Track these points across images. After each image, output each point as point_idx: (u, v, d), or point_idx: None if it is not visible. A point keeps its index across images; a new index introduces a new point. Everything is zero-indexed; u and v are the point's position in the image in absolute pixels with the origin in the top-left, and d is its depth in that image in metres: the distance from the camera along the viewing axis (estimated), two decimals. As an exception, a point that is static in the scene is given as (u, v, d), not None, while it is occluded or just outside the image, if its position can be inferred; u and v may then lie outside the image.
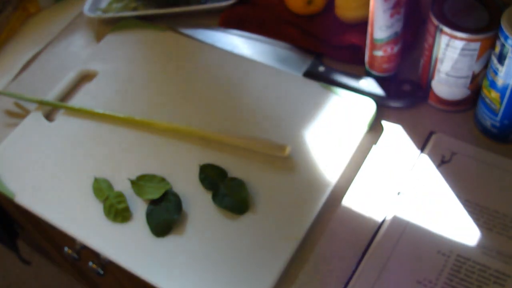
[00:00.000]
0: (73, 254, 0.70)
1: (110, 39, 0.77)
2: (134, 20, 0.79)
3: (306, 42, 0.72)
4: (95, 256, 0.67)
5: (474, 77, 0.59)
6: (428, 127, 0.62)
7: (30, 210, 0.61)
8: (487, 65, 0.58)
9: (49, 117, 0.70)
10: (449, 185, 0.57)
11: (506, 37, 0.52)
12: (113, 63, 0.74)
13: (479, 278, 0.50)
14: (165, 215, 0.57)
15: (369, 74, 0.67)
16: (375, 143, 0.62)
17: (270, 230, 0.56)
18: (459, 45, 0.56)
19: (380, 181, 0.59)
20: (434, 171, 0.58)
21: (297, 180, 0.59)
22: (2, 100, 0.73)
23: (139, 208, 0.59)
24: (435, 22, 0.57)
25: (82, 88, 0.72)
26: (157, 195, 0.59)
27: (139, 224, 0.58)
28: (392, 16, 0.59)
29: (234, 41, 0.74)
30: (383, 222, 0.55)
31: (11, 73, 0.77)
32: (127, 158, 0.63)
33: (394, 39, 0.62)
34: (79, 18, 0.84)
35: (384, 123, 0.64)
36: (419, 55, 0.64)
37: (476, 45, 0.56)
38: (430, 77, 0.62)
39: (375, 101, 0.64)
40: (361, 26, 0.68)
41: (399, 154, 0.61)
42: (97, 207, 0.59)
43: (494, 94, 0.57)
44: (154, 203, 0.59)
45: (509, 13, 0.52)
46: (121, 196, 0.59)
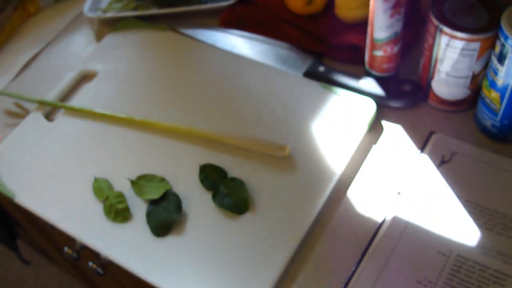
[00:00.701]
0: (73, 254, 0.70)
1: (110, 39, 0.77)
2: (134, 20, 0.79)
3: (306, 42, 0.72)
4: (95, 256, 0.67)
5: (474, 77, 0.59)
6: (428, 127, 0.62)
7: (30, 210, 0.61)
8: (487, 65, 0.58)
9: (49, 117, 0.70)
10: (449, 185, 0.57)
11: (506, 37, 0.52)
12: (113, 63, 0.74)
13: (479, 278, 0.50)
14: (165, 215, 0.57)
15: (369, 74, 0.67)
16: (375, 143, 0.62)
17: (270, 230, 0.56)
18: (459, 45, 0.56)
19: (380, 181, 0.59)
20: (434, 171, 0.58)
21: (297, 180, 0.59)
22: (2, 100, 0.73)
23: (139, 208, 0.59)
24: (435, 22, 0.57)
25: (82, 88, 0.72)
26: (157, 195, 0.59)
27: (139, 224, 0.58)
28: (392, 16, 0.59)
29: (234, 41, 0.74)
30: (383, 222, 0.55)
31: (11, 73, 0.77)
32: (127, 158, 0.63)
33: (394, 39, 0.62)
34: (79, 18, 0.84)
35: (384, 123, 0.64)
36: (419, 55, 0.64)
37: (476, 45, 0.56)
38: (430, 77, 0.62)
39: (375, 101, 0.64)
40: (361, 26, 0.68)
41: (399, 154, 0.61)
42: (97, 207, 0.59)
43: (494, 94, 0.57)
44: (154, 203, 0.59)
45: (509, 13, 0.52)
46: (121, 196, 0.59)
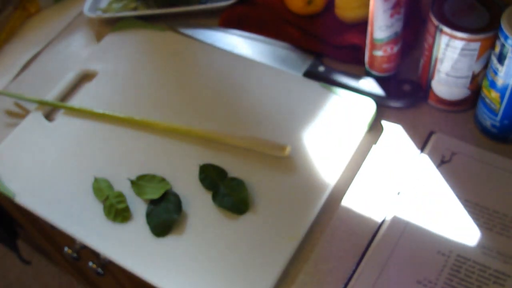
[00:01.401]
0: (73, 254, 0.70)
1: (110, 39, 0.77)
2: (134, 20, 0.79)
3: (306, 42, 0.72)
4: (95, 256, 0.67)
5: (474, 77, 0.59)
6: (428, 127, 0.62)
7: (30, 210, 0.61)
8: (487, 65, 0.58)
9: (49, 117, 0.70)
10: (449, 185, 0.57)
11: (506, 37, 0.52)
12: (113, 63, 0.74)
13: (479, 278, 0.50)
14: (165, 215, 0.57)
15: (369, 74, 0.67)
16: (375, 143, 0.62)
17: (270, 230, 0.56)
18: (459, 45, 0.56)
19: (380, 181, 0.59)
20: (434, 171, 0.58)
21: (297, 180, 0.59)
22: (2, 100, 0.73)
23: (139, 208, 0.59)
24: (435, 22, 0.57)
25: (82, 88, 0.72)
26: (157, 195, 0.59)
27: (139, 224, 0.58)
28: (392, 16, 0.59)
29: (234, 41, 0.74)
30: (383, 222, 0.55)
31: (11, 73, 0.77)
32: (127, 158, 0.63)
33: (394, 39, 0.62)
34: (79, 18, 0.84)
35: (384, 123, 0.64)
36: (419, 55, 0.64)
37: (476, 45, 0.56)
38: (430, 77, 0.62)
39: (375, 101, 0.64)
40: (361, 26, 0.68)
41: (399, 154, 0.61)
42: (97, 207, 0.59)
43: (494, 94, 0.57)
44: (154, 203, 0.59)
45: (509, 13, 0.52)
46: (121, 196, 0.59)
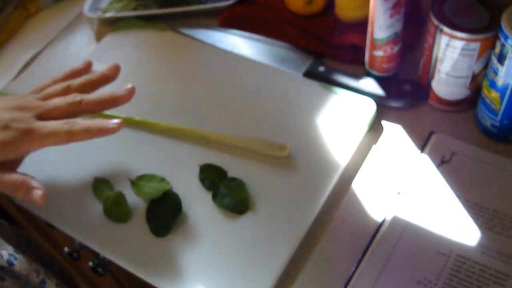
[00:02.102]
0: (73, 254, 0.70)
1: (110, 39, 0.77)
2: (134, 20, 0.79)
3: (306, 42, 0.72)
4: (95, 256, 0.67)
5: (474, 77, 0.59)
6: (428, 127, 0.62)
7: (29, 210, 0.61)
8: (487, 65, 0.58)
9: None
10: (449, 185, 0.57)
11: (506, 37, 0.52)
12: (113, 63, 0.74)
13: (479, 278, 0.50)
14: (165, 215, 0.57)
15: (369, 74, 0.67)
16: (375, 143, 0.62)
17: (270, 230, 0.56)
18: (459, 45, 0.56)
19: (380, 181, 0.59)
20: (434, 171, 0.58)
21: (297, 180, 0.59)
22: (2, 100, 0.73)
23: (139, 208, 0.59)
24: (435, 22, 0.57)
25: (82, 88, 0.72)
26: (157, 195, 0.59)
27: (139, 224, 0.58)
28: (392, 16, 0.59)
29: (234, 41, 0.74)
30: (383, 222, 0.55)
31: (11, 73, 0.77)
32: (127, 158, 0.63)
33: (394, 39, 0.62)
34: (79, 18, 0.83)
35: (384, 123, 0.64)
36: (419, 55, 0.64)
37: (476, 45, 0.56)
38: (430, 77, 0.62)
39: (375, 101, 0.64)
40: (361, 26, 0.67)
41: (399, 154, 0.61)
42: (97, 207, 0.59)
43: (494, 94, 0.57)
44: (154, 203, 0.59)
45: (509, 13, 0.52)
46: (121, 196, 0.59)
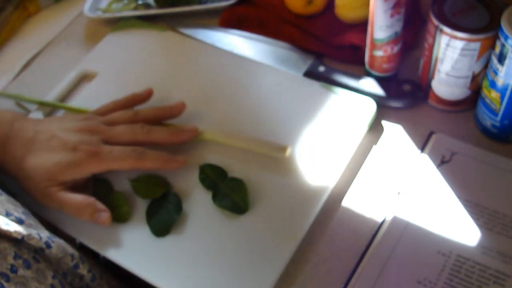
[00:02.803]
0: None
1: (110, 39, 0.77)
2: (134, 20, 0.79)
3: (306, 42, 0.72)
4: (95, 256, 0.67)
5: (474, 77, 0.59)
6: (428, 127, 0.62)
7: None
8: (487, 65, 0.58)
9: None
10: (449, 185, 0.57)
11: (506, 37, 0.52)
12: (113, 63, 0.74)
13: (479, 278, 0.50)
14: (165, 215, 0.57)
15: (369, 74, 0.67)
16: (375, 143, 0.62)
17: (270, 230, 0.56)
18: (459, 45, 0.56)
19: (380, 181, 0.59)
20: (434, 171, 0.58)
21: (297, 180, 0.59)
22: (3, 100, 0.73)
23: (139, 208, 0.59)
24: (435, 22, 0.57)
25: (82, 88, 0.72)
26: (157, 195, 0.59)
27: (139, 224, 0.58)
28: (392, 16, 0.59)
29: (234, 41, 0.74)
30: (383, 222, 0.55)
31: (11, 73, 0.77)
32: (127, 158, 0.63)
33: (394, 39, 0.62)
34: (79, 18, 0.83)
35: (384, 123, 0.64)
36: (419, 55, 0.64)
37: (476, 45, 0.56)
38: (430, 77, 0.62)
39: (375, 101, 0.64)
40: (361, 26, 0.67)
41: (399, 154, 0.61)
42: (97, 207, 0.59)
43: (494, 94, 0.57)
44: (154, 203, 0.59)
45: (509, 13, 0.52)
46: (121, 196, 0.59)
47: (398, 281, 0.51)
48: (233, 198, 0.57)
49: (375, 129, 0.63)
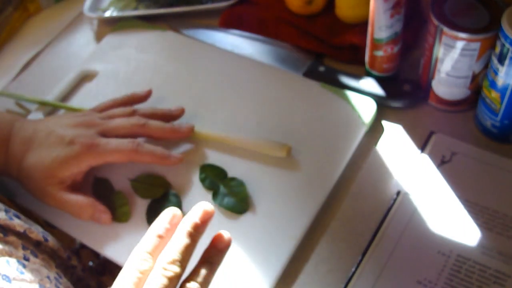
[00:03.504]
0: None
1: (110, 39, 0.77)
2: (134, 20, 0.79)
3: (306, 42, 0.72)
4: (95, 256, 0.67)
5: (474, 77, 0.59)
6: (428, 127, 0.62)
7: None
8: (487, 65, 0.58)
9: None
10: (449, 185, 0.57)
11: (506, 37, 0.52)
12: (113, 63, 0.74)
13: (479, 278, 0.50)
14: (165, 215, 0.57)
15: (369, 74, 0.67)
16: (376, 143, 0.62)
17: (270, 230, 0.56)
18: (459, 45, 0.56)
19: (380, 181, 0.59)
20: (434, 171, 0.58)
21: (297, 180, 0.59)
22: (3, 100, 0.73)
23: (139, 208, 0.59)
24: (435, 22, 0.57)
25: (82, 88, 0.72)
26: (157, 195, 0.59)
27: (139, 224, 0.58)
28: (392, 16, 0.59)
29: (234, 41, 0.74)
30: (383, 222, 0.55)
31: (11, 73, 0.77)
32: (127, 158, 0.63)
33: (394, 39, 0.62)
34: (79, 18, 0.84)
35: (384, 123, 0.64)
36: (419, 55, 0.64)
37: (476, 45, 0.56)
38: (430, 77, 0.62)
39: (375, 101, 0.64)
40: (361, 26, 0.68)
41: (399, 154, 0.61)
42: (97, 207, 0.59)
43: (494, 94, 0.57)
44: (154, 203, 0.59)
45: (509, 13, 0.52)
46: (121, 196, 0.59)
47: (398, 281, 0.51)
48: (233, 198, 0.57)
49: (375, 129, 0.63)
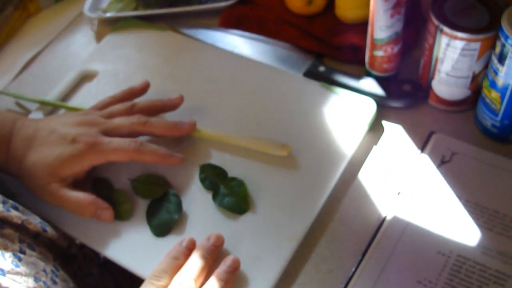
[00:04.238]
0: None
1: (110, 39, 0.77)
2: (134, 20, 0.79)
3: (306, 42, 0.72)
4: (95, 256, 0.67)
5: (475, 77, 0.59)
6: (428, 127, 0.62)
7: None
8: (487, 65, 0.58)
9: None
10: (449, 185, 0.57)
11: (506, 37, 0.52)
12: (113, 63, 0.74)
13: (479, 278, 0.50)
14: (165, 215, 0.57)
15: (369, 74, 0.67)
16: (375, 143, 0.62)
17: (270, 230, 0.56)
18: (459, 45, 0.56)
19: (380, 181, 0.59)
20: (434, 171, 0.58)
21: (297, 180, 0.59)
22: (3, 100, 0.73)
23: (139, 208, 0.59)
24: (435, 22, 0.57)
25: (83, 88, 0.72)
26: (157, 195, 0.59)
27: (139, 224, 0.58)
28: (392, 16, 0.59)
29: (234, 41, 0.74)
30: (383, 222, 0.55)
31: (11, 73, 0.77)
32: (127, 158, 0.63)
33: (394, 39, 0.62)
34: (79, 18, 0.84)
35: (384, 123, 0.64)
36: (419, 55, 0.64)
37: (476, 45, 0.56)
38: (430, 77, 0.62)
39: (375, 101, 0.64)
40: (361, 26, 0.68)
41: (399, 154, 0.61)
42: (97, 207, 0.59)
43: (495, 94, 0.57)
44: (154, 203, 0.59)
45: (509, 13, 0.52)
46: (121, 196, 0.59)
47: (398, 281, 0.51)
48: (233, 198, 0.57)
49: (375, 129, 0.63)
